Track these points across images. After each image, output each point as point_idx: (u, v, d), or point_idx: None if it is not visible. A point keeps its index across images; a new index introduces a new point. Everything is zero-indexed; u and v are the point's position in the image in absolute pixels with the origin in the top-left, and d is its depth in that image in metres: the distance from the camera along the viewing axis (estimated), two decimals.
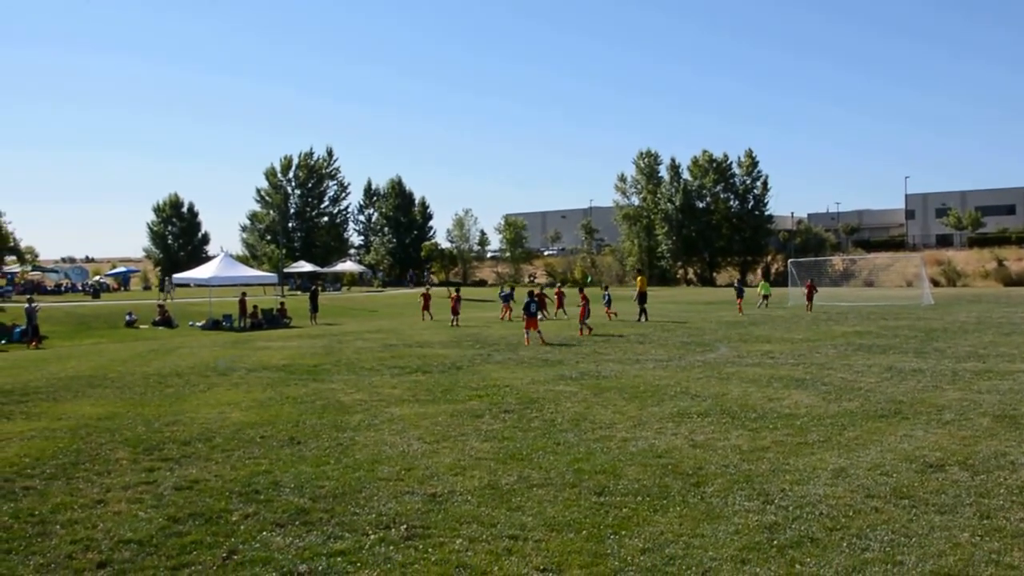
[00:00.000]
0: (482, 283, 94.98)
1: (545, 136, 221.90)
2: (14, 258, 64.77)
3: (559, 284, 42.26)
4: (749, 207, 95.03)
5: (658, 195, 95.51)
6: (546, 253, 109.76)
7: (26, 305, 36.44)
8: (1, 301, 48.33)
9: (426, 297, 42.48)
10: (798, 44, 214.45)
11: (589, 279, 55.59)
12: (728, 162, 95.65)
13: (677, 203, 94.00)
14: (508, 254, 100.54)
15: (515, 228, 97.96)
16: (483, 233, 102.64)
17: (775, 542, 6.62)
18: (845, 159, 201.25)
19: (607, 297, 37.91)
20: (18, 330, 35.93)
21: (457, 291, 37.16)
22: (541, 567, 6.21)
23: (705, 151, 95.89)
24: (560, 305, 38.51)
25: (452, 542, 6.80)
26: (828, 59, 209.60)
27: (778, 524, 7.06)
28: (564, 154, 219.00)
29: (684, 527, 7.03)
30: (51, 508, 7.99)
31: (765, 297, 43.83)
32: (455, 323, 34.24)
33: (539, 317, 35.19)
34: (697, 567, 6.15)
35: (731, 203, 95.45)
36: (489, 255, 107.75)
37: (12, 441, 11.30)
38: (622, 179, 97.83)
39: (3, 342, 34.92)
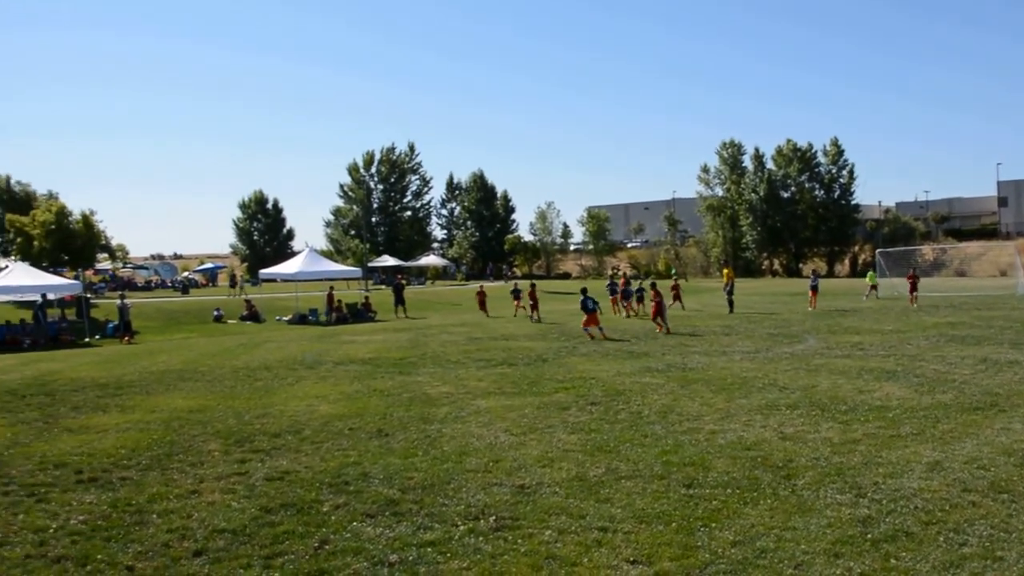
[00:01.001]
0: (566, 276, 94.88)
1: (627, 128, 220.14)
2: (106, 255, 67.08)
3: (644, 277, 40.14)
4: (835, 196, 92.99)
5: (742, 185, 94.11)
6: (629, 245, 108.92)
7: (118, 301, 37.86)
8: (95, 297, 50.24)
9: (481, 294, 40.56)
10: (885, 35, 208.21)
11: (674, 271, 55.08)
12: (813, 151, 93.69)
13: (761, 193, 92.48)
14: (591, 247, 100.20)
15: (598, 220, 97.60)
16: (566, 226, 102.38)
17: (869, 536, 6.52)
18: (934, 146, 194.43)
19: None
20: (111, 325, 37.52)
21: (532, 286, 35.95)
22: (631, 559, 6.23)
23: (789, 140, 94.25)
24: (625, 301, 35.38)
25: (541, 533, 6.85)
26: (916, 48, 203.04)
27: (872, 518, 6.94)
28: (646, 145, 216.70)
29: (775, 520, 6.97)
30: (147, 498, 8.28)
31: (873, 287, 42.72)
32: (535, 318, 33.16)
33: (623, 314, 34.74)
34: (789, 560, 6.09)
35: (816, 192, 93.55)
36: (572, 248, 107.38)
37: (109, 433, 11.74)
38: (705, 170, 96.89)
39: (97, 337, 36.44)
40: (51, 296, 39.53)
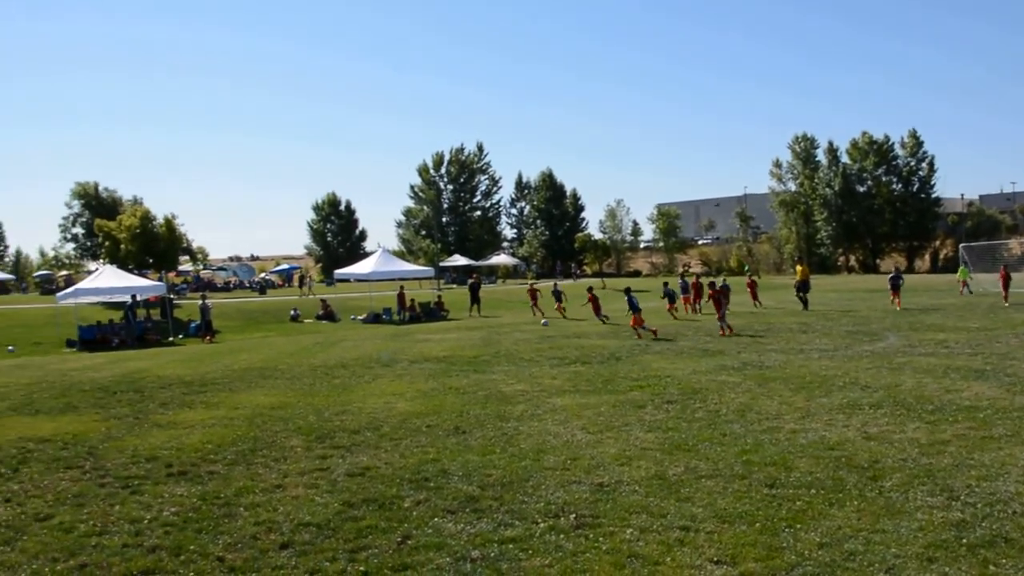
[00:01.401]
0: (636, 273, 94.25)
1: (696, 125, 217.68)
2: (187, 258, 68.99)
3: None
4: (914, 190, 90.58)
5: (815, 180, 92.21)
6: (700, 242, 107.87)
7: (200, 302, 39.17)
8: (178, 298, 51.80)
9: (532, 293, 39.29)
10: (954, 33, 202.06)
11: (747, 268, 54.23)
12: (890, 143, 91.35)
13: (836, 188, 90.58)
14: (661, 244, 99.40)
15: (668, 218, 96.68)
16: (636, 223, 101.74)
17: (964, 541, 6.31)
18: (1020, 135, 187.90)
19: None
20: (193, 325, 38.96)
21: (590, 289, 33.95)
22: (714, 559, 6.16)
23: (865, 133, 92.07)
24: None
25: (622, 532, 6.82)
26: (987, 44, 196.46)
27: (966, 522, 6.72)
28: (716, 142, 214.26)
29: (863, 522, 6.81)
30: (235, 491, 8.51)
31: (965, 284, 41.34)
32: (603, 320, 30.79)
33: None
34: (880, 564, 5.94)
35: (894, 186, 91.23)
36: (642, 245, 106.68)
37: (196, 429, 12.10)
38: (777, 164, 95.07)
39: (180, 336, 37.66)
40: (138, 297, 40.92)
